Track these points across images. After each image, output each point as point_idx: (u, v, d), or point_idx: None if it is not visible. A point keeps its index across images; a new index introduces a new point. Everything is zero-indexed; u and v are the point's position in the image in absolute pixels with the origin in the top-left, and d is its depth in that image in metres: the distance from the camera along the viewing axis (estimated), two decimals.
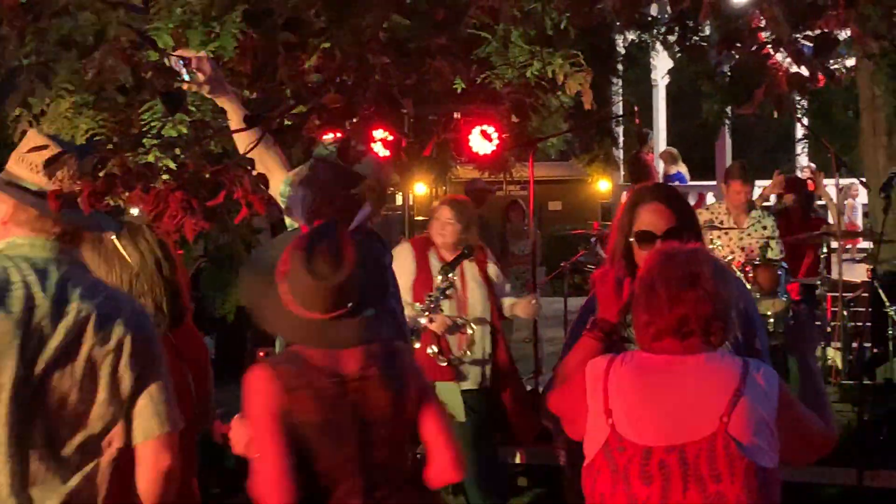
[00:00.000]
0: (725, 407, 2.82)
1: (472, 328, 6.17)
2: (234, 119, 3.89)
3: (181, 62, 3.85)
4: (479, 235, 6.56)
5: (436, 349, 6.05)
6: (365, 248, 3.66)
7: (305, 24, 3.50)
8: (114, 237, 3.55)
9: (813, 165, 15.01)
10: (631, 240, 3.60)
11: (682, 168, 14.73)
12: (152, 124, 4.65)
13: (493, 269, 6.44)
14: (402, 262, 5.95)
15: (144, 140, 4.31)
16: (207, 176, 3.59)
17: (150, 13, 4.77)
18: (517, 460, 7.45)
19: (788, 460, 2.98)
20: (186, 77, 3.94)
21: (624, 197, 15.67)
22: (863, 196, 18.52)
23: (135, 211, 4.41)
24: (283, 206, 4.25)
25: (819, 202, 11.04)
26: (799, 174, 13.30)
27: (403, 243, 6.49)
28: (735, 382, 2.85)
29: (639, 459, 2.82)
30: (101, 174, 3.49)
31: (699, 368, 2.90)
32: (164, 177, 3.68)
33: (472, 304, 6.26)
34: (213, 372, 3.82)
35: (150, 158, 4.07)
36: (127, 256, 3.60)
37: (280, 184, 4.20)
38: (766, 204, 9.47)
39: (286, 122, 3.95)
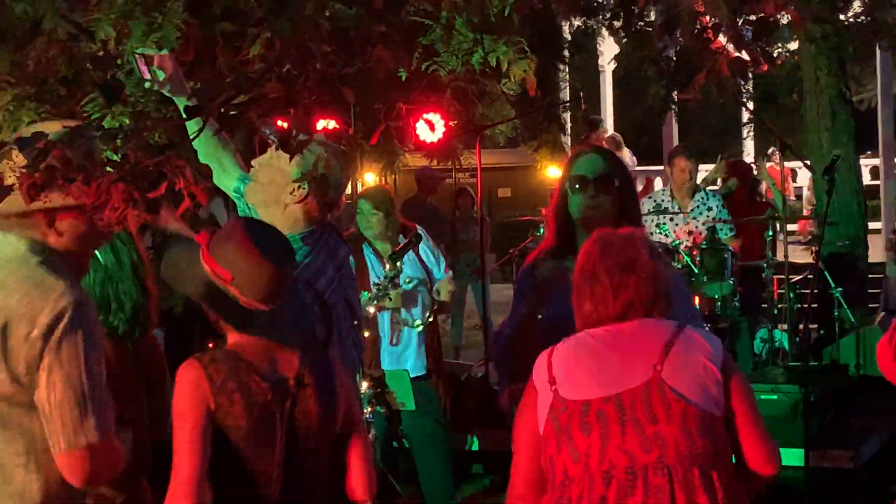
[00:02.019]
0: (659, 356, 2.89)
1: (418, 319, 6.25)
2: None
3: (142, 59, 3.83)
4: (429, 222, 6.62)
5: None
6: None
7: (244, 13, 3.48)
8: None
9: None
10: (567, 186, 3.73)
11: (626, 153, 14.82)
12: (94, 116, 4.61)
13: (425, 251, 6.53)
14: None
15: (83, 132, 4.27)
16: (150, 168, 3.56)
17: (90, 4, 4.73)
18: (472, 447, 7.46)
19: (737, 454, 2.99)
20: (148, 76, 3.91)
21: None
22: (801, 179, 18.72)
23: None
24: (236, 201, 4.23)
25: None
26: (746, 159, 13.43)
27: None
28: (668, 335, 2.93)
29: (578, 413, 2.87)
30: (41, 167, 3.46)
31: (634, 329, 2.97)
32: (107, 168, 3.63)
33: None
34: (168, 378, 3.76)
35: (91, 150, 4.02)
36: (99, 257, 3.56)
37: (234, 180, 4.19)
38: (711, 188, 9.55)
39: (229, 112, 3.93)
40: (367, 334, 5.95)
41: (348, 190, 15.69)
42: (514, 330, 3.86)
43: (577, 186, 3.78)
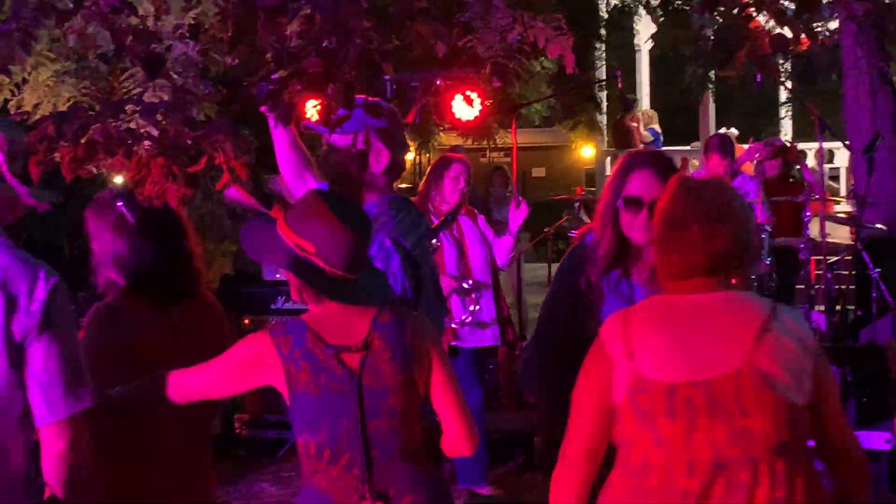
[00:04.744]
0: (752, 342, 2.74)
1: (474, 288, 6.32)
2: None
3: None
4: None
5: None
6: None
7: None
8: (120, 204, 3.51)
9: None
10: (618, 204, 3.61)
11: (647, 132, 14.77)
12: (134, 91, 4.63)
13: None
14: None
15: (126, 107, 4.29)
16: (189, 142, 3.58)
17: None
18: (498, 426, 7.49)
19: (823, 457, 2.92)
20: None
21: (609, 164, 15.67)
22: (839, 159, 18.56)
23: (118, 179, 4.39)
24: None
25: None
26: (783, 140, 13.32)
27: None
28: (762, 317, 2.78)
29: (663, 397, 2.73)
30: (82, 141, 3.48)
31: (723, 305, 2.82)
32: (146, 142, 3.65)
33: (474, 264, 6.42)
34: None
35: (132, 125, 4.05)
36: (131, 219, 3.54)
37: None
38: (746, 170, 9.49)
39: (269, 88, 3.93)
40: None
41: None
42: (543, 357, 3.82)
43: (631, 207, 3.61)
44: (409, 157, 12.17)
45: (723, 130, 15.16)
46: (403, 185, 13.26)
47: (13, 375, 2.65)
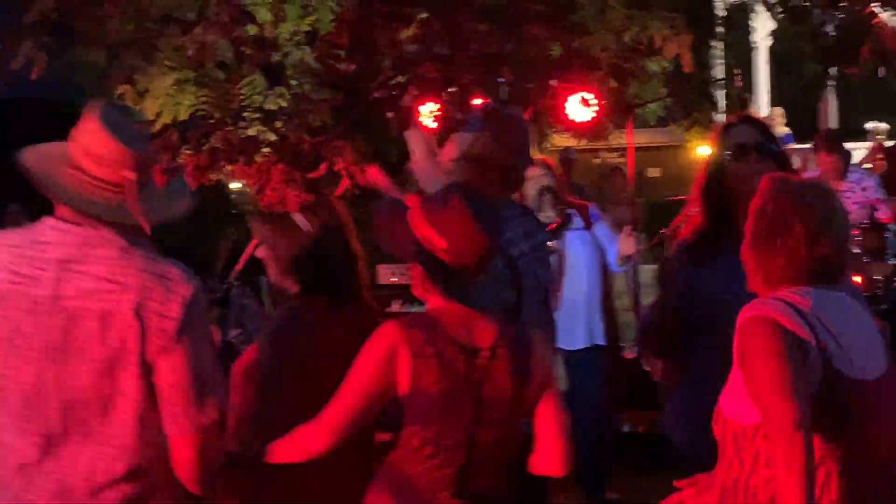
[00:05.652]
0: (884, 346, 2.74)
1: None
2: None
3: None
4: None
5: None
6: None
7: None
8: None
9: None
10: (727, 153, 3.57)
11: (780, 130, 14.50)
12: (253, 98, 4.70)
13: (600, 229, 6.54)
14: None
15: (245, 114, 4.35)
16: (307, 148, 3.62)
17: None
18: (624, 428, 7.40)
19: None
20: None
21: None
22: None
23: (237, 185, 4.46)
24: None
25: None
26: None
27: None
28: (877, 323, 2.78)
29: (860, 395, 2.64)
30: (203, 148, 3.55)
31: (859, 302, 2.79)
32: (265, 150, 3.70)
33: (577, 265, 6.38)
34: None
35: (252, 132, 4.11)
36: (307, 227, 3.54)
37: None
38: (866, 166, 9.26)
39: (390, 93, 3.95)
40: None
41: None
42: (656, 314, 3.79)
43: (739, 154, 3.58)
44: None
45: (871, 125, 14.81)
46: None
47: (146, 389, 2.69)
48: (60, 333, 2.61)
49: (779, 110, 13.81)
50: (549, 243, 4.07)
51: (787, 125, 14.54)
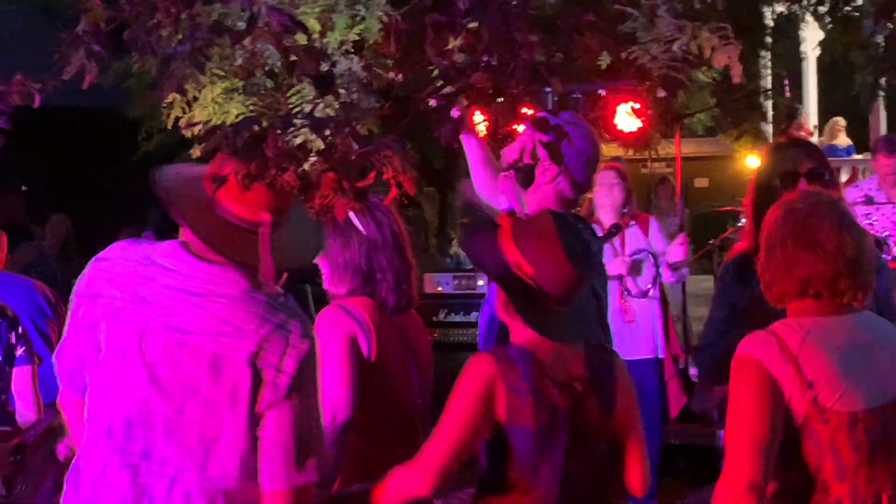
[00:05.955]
0: None
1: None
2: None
3: None
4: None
5: None
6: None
7: (453, 3, 3.49)
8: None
9: None
10: (775, 181, 3.59)
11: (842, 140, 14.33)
12: (302, 106, 4.70)
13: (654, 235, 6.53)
14: None
15: (295, 121, 4.37)
16: (355, 157, 3.60)
17: None
18: (671, 440, 7.37)
19: None
20: None
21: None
22: None
23: None
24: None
25: None
26: None
27: None
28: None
29: (845, 427, 2.66)
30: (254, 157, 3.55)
31: (871, 328, 2.78)
32: (313, 158, 3.71)
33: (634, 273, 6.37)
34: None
35: (300, 140, 4.11)
36: (362, 228, 3.53)
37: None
38: None
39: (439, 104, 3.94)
40: None
41: None
42: (721, 340, 3.75)
43: (789, 182, 3.63)
44: None
45: None
46: None
47: (252, 441, 2.64)
48: (170, 364, 2.58)
49: (841, 120, 13.67)
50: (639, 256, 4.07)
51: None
